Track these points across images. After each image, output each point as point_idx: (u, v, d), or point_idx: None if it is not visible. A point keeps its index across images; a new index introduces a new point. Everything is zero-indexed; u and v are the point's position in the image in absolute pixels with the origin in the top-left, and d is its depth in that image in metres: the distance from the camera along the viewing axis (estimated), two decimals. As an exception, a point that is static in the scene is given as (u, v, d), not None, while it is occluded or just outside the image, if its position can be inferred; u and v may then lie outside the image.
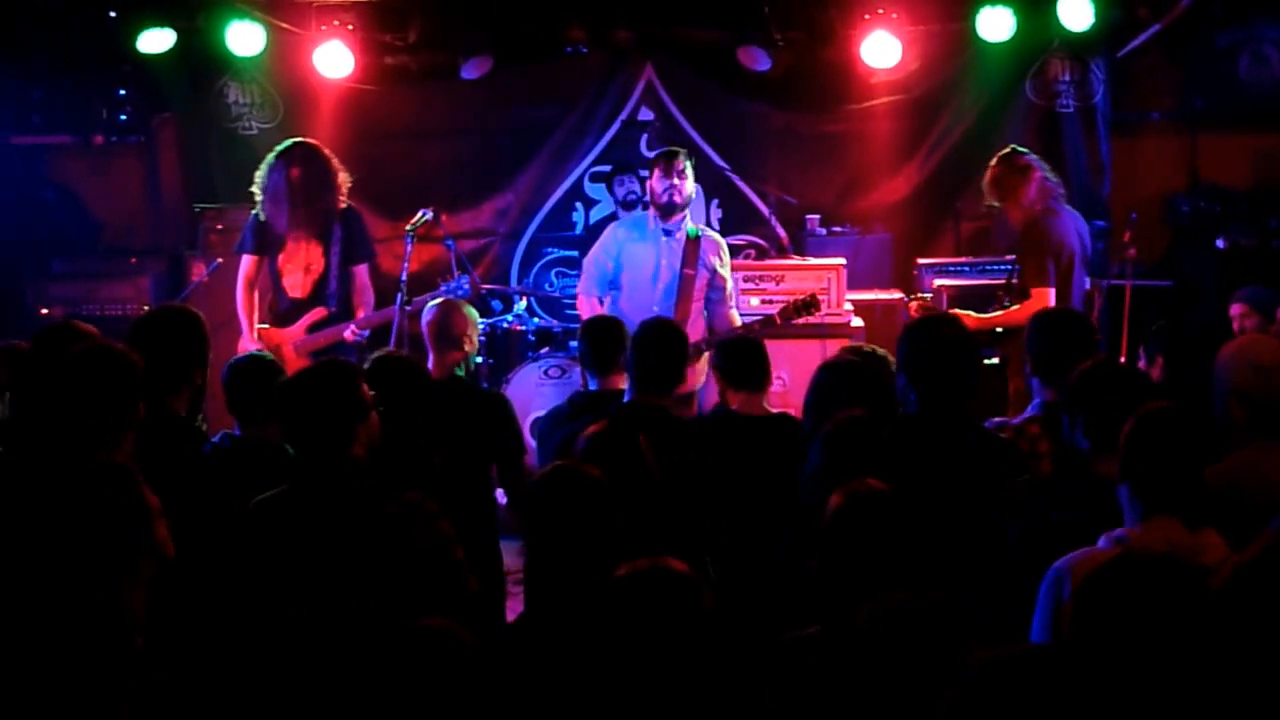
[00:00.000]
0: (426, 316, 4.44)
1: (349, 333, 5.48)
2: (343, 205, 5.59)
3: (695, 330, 5.40)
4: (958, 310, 5.30)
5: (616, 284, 5.67)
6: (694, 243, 5.54)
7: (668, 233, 5.57)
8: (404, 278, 5.48)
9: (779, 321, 5.35)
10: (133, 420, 2.62)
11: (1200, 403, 3.41)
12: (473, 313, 4.47)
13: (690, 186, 5.58)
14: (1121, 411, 2.81)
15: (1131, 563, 1.92)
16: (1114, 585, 1.89)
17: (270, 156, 5.62)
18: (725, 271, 5.62)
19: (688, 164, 5.58)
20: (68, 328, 3.48)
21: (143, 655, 2.30)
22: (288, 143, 5.66)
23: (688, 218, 5.63)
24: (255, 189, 5.63)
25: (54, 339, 3.36)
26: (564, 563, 2.69)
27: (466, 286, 5.53)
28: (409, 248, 5.58)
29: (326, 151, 5.63)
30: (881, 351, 3.82)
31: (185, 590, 2.63)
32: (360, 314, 5.55)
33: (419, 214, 5.70)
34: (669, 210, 5.55)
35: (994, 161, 5.59)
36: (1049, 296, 5.26)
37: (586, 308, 5.69)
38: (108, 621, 2.27)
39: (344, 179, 5.61)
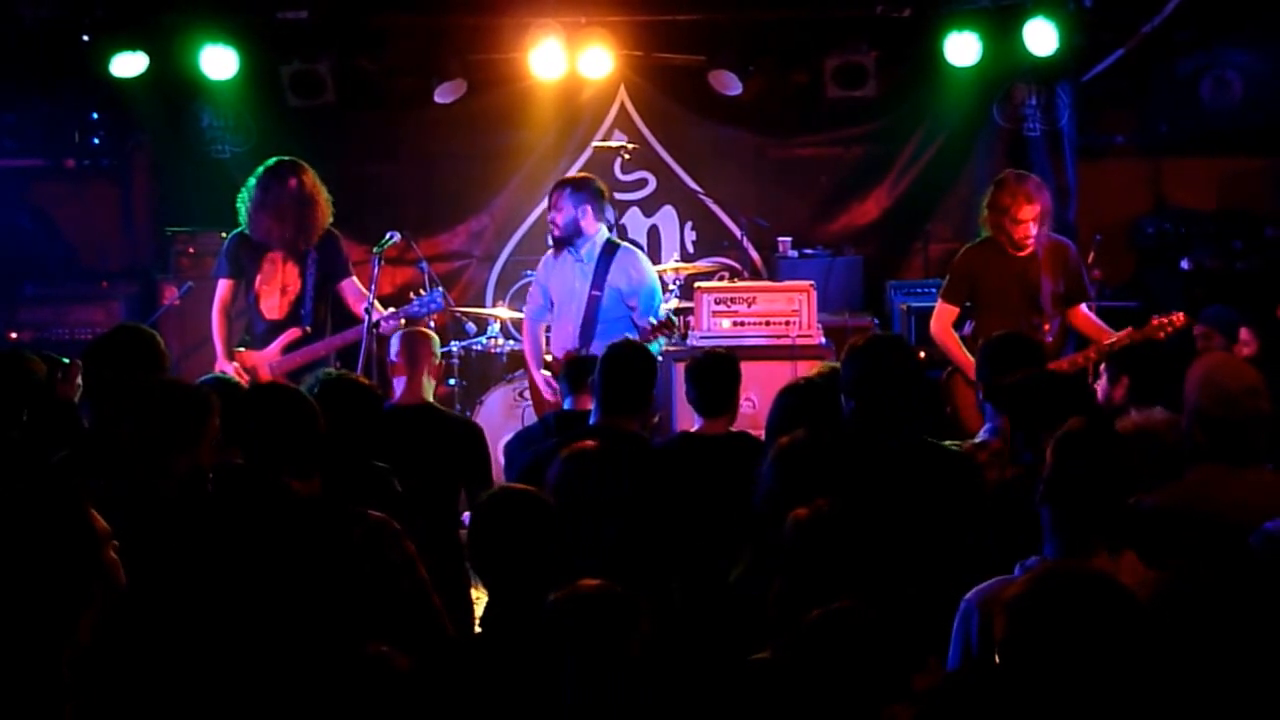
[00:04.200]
0: (395, 344, 4.46)
1: (374, 316, 5.36)
2: (327, 225, 5.61)
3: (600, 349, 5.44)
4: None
5: (551, 309, 5.84)
6: (604, 264, 5.64)
7: (577, 259, 5.70)
8: (371, 300, 5.47)
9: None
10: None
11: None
12: (435, 339, 4.51)
13: (567, 216, 5.63)
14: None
15: (1059, 579, 1.94)
16: (1043, 603, 1.91)
17: (259, 172, 5.60)
18: (635, 290, 5.61)
19: (566, 194, 5.65)
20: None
21: (75, 681, 2.26)
22: (277, 159, 5.66)
23: (595, 242, 5.69)
24: (243, 205, 5.60)
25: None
26: (508, 585, 2.70)
27: (440, 301, 5.55)
28: (376, 270, 5.59)
29: (311, 170, 5.66)
30: None
31: (139, 612, 2.61)
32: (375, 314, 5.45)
33: (386, 236, 5.72)
34: (555, 244, 5.73)
35: (1036, 184, 5.50)
36: None
37: (529, 334, 5.89)
38: (45, 648, 2.24)
39: (328, 199, 5.64)
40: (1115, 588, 1.94)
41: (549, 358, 5.93)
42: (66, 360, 3.75)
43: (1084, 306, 5.59)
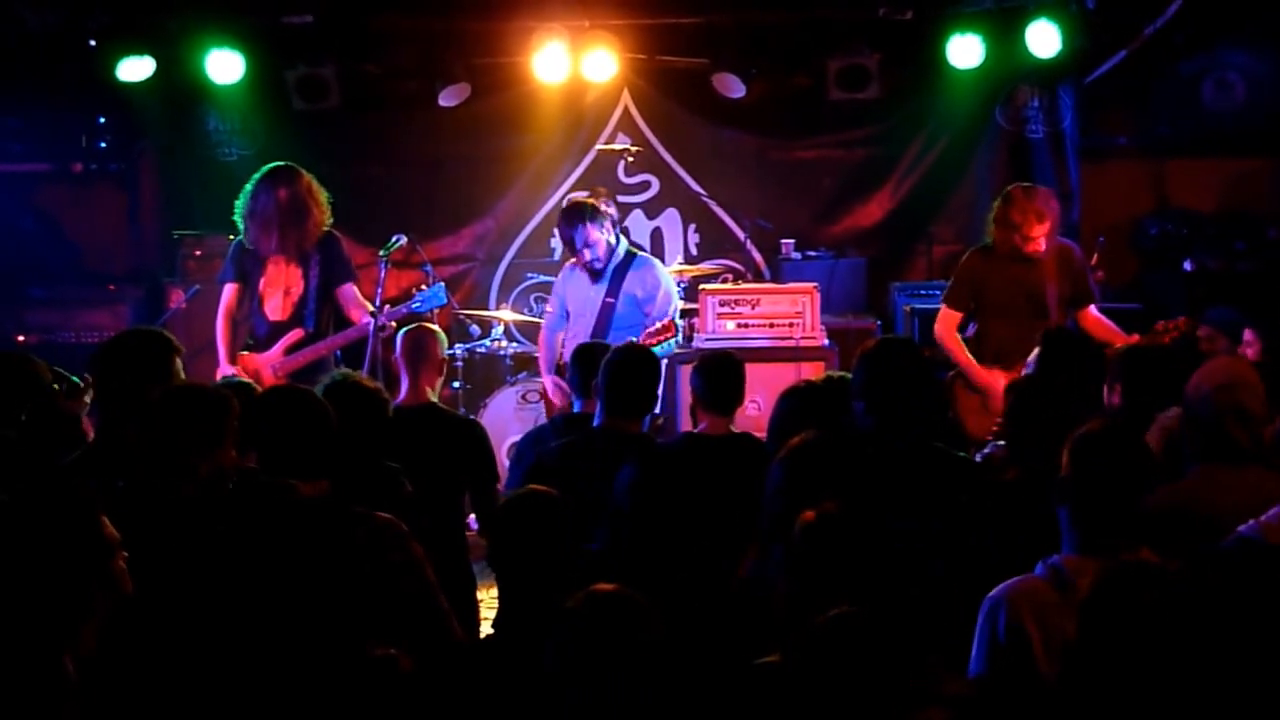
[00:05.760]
0: (400, 343, 4.47)
1: (380, 319, 5.37)
2: (325, 228, 5.63)
3: None
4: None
5: (568, 320, 5.88)
6: (620, 272, 5.71)
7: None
8: (378, 303, 5.49)
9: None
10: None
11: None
12: (440, 334, 4.52)
13: (603, 248, 5.67)
14: None
15: (1128, 578, 1.94)
16: (1120, 602, 1.90)
17: (255, 179, 5.64)
18: (652, 295, 5.67)
19: (588, 226, 5.64)
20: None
21: (80, 685, 2.28)
22: (272, 165, 5.69)
23: (617, 252, 5.75)
24: (238, 213, 5.64)
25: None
26: (527, 586, 2.72)
27: (443, 295, 5.57)
28: (383, 273, 5.61)
29: (309, 176, 5.68)
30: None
31: (147, 613, 2.63)
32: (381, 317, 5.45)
33: (393, 239, 5.74)
34: (594, 275, 5.75)
35: (1044, 198, 5.49)
36: None
37: (545, 343, 5.92)
38: (46, 651, 2.26)
39: (325, 204, 5.66)
40: (1177, 582, 1.94)
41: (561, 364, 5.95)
42: (77, 380, 3.76)
43: (1093, 309, 5.60)
